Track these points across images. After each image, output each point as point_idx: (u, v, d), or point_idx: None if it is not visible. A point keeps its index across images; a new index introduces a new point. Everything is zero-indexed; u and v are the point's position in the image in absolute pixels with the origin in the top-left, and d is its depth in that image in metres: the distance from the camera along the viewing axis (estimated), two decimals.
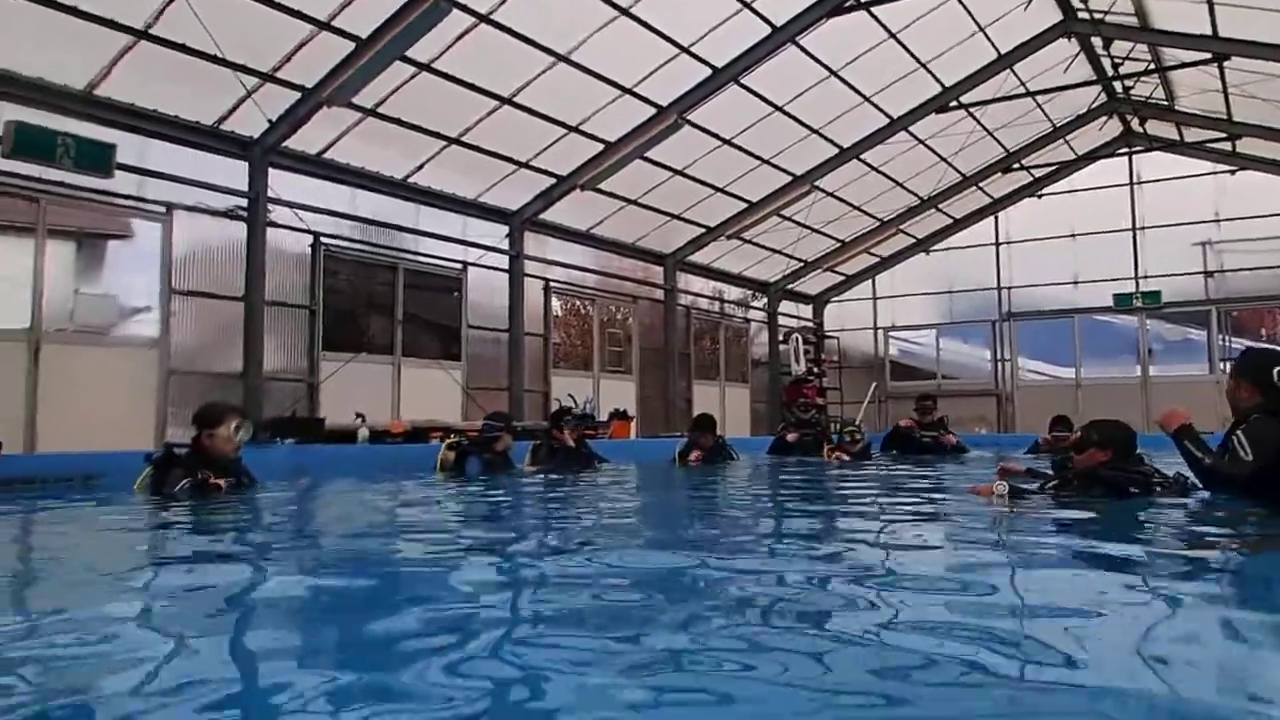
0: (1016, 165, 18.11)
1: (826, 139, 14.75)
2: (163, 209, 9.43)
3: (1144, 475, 4.74)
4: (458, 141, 11.56)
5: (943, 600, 2.16)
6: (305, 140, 10.47)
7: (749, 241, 17.31)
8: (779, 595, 2.34)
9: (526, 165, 12.62)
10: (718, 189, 15.07)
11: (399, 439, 9.83)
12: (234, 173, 10.08)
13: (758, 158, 14.59)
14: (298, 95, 9.74)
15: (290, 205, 10.45)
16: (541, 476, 7.16)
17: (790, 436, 10.91)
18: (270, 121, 9.89)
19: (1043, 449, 10.32)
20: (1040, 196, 19.32)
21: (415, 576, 2.88)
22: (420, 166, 11.77)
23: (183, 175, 9.53)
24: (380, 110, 10.51)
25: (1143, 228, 18.38)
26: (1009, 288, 19.70)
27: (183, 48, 8.61)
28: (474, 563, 3.15)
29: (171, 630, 2.02)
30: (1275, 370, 4.60)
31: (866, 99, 13.93)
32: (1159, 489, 4.62)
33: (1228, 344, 17.36)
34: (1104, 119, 17.51)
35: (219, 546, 3.71)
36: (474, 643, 1.83)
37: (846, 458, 8.77)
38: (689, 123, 12.57)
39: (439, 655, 1.71)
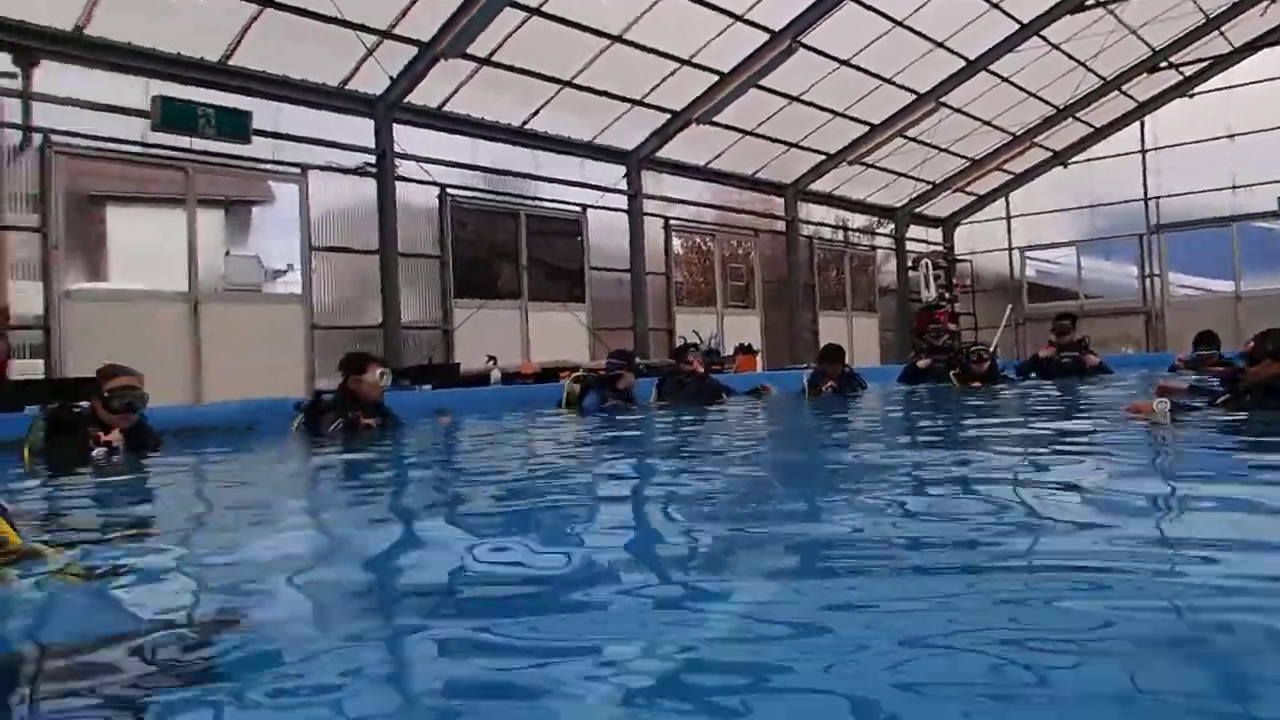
0: (1164, 64, 16.76)
1: (952, 51, 14.03)
2: (298, 170, 9.88)
3: None
4: (571, 84, 11.59)
5: (1087, 545, 1.99)
6: (425, 94, 10.73)
7: (872, 166, 16.75)
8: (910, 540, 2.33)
9: (640, 103, 12.55)
10: (837, 113, 14.61)
11: (529, 379, 10.14)
12: (361, 131, 10.46)
13: (878, 77, 14.04)
14: (415, 50, 9.97)
15: (416, 159, 10.77)
16: (669, 413, 7.26)
17: (922, 363, 10.62)
18: (391, 78, 10.16)
19: (1181, 368, 9.65)
20: (1192, 96, 17.83)
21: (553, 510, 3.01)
22: (536, 112, 11.88)
23: (314, 136, 9.95)
24: (494, 59, 10.63)
25: None
26: (1157, 198, 18.40)
27: (305, 12, 8.93)
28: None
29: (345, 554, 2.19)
30: None
31: (994, 5, 13.15)
32: None
33: None
34: (1265, 2, 15.93)
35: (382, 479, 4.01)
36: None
37: (977, 384, 8.49)
38: (804, 46, 12.20)
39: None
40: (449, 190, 11.30)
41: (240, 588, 1.87)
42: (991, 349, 15.15)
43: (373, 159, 10.39)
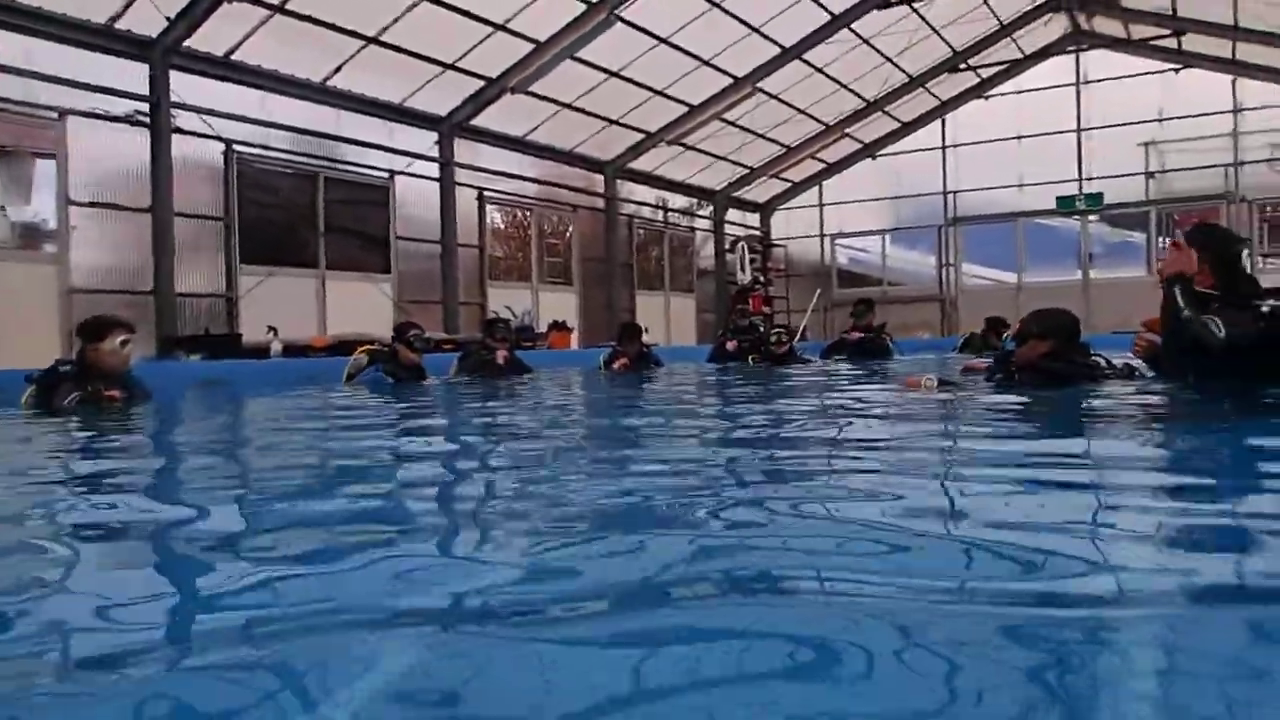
0: (963, 65, 17.77)
1: (767, 38, 14.28)
2: (54, 115, 8.85)
3: (1090, 365, 4.61)
4: (376, 41, 10.97)
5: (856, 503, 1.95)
6: (210, 41, 9.86)
7: (692, 148, 16.90)
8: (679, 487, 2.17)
9: (453, 67, 12.07)
10: (656, 92, 14.60)
11: (320, 353, 9.54)
12: (134, 76, 9.49)
13: (697, 58, 14.11)
14: None
15: (196, 110, 9.90)
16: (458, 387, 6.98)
17: (730, 345, 10.78)
18: (168, 19, 9.27)
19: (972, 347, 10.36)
20: (987, 98, 19.05)
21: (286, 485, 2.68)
22: (338, 69, 11.18)
23: (75, 79, 8.93)
24: (288, 7, 9.89)
25: (1088, 129, 18.25)
26: (954, 192, 19.56)
27: None
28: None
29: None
30: (1241, 251, 4.33)
31: None
32: (1107, 378, 4.49)
33: (1165, 246, 17.46)
34: (1050, 16, 17.16)
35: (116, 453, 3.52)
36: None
37: (769, 363, 8.70)
38: (622, 20, 12.05)
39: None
40: (235, 147, 10.45)
41: None
42: (800, 331, 15.69)
43: (145, 107, 9.45)
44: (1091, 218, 18.39)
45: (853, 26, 14.75)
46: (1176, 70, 17.23)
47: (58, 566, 1.58)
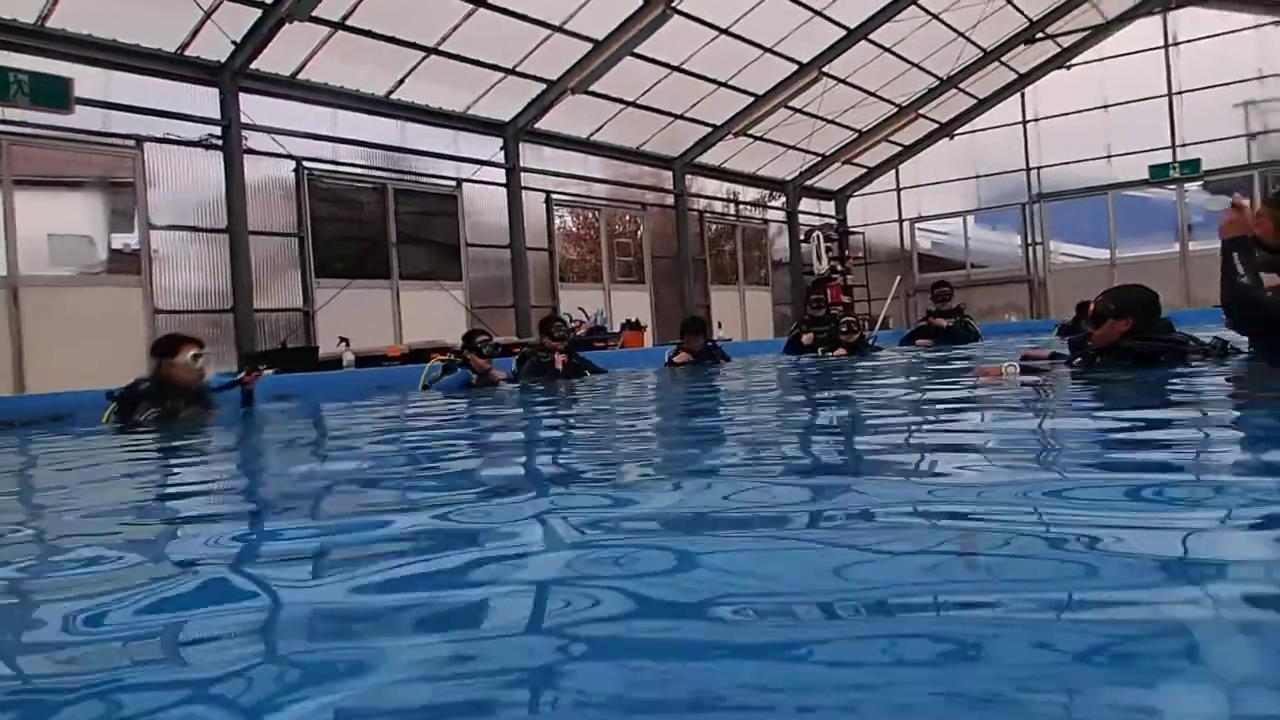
0: (1041, 35, 17.04)
1: (831, 20, 13.95)
2: (132, 143, 9.19)
3: (1175, 342, 4.30)
4: (436, 51, 11.09)
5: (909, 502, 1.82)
6: (276, 62, 10.10)
7: (760, 138, 16.64)
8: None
9: (513, 72, 12.11)
10: (720, 84, 14.41)
11: (395, 362, 9.68)
12: (206, 101, 9.79)
13: (759, 46, 13.87)
14: (259, 12, 9.34)
15: (266, 130, 10.16)
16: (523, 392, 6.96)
17: (806, 338, 10.56)
18: (234, 43, 9.52)
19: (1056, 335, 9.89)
20: (1069, 68, 18.23)
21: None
22: (401, 81, 11.34)
23: (150, 106, 9.25)
24: (348, 23, 10.06)
25: (1179, 92, 17.30)
26: (1039, 168, 18.80)
27: None
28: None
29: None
30: None
31: None
32: (1195, 357, 4.16)
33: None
34: None
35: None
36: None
37: (843, 352, 8.43)
38: (679, 12, 11.91)
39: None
40: (306, 164, 10.69)
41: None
42: (881, 320, 15.28)
43: (218, 131, 9.73)
44: (1189, 186, 17.43)
45: (920, 2, 14.31)
46: (1277, 23, 16.19)
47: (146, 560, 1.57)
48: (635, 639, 1.03)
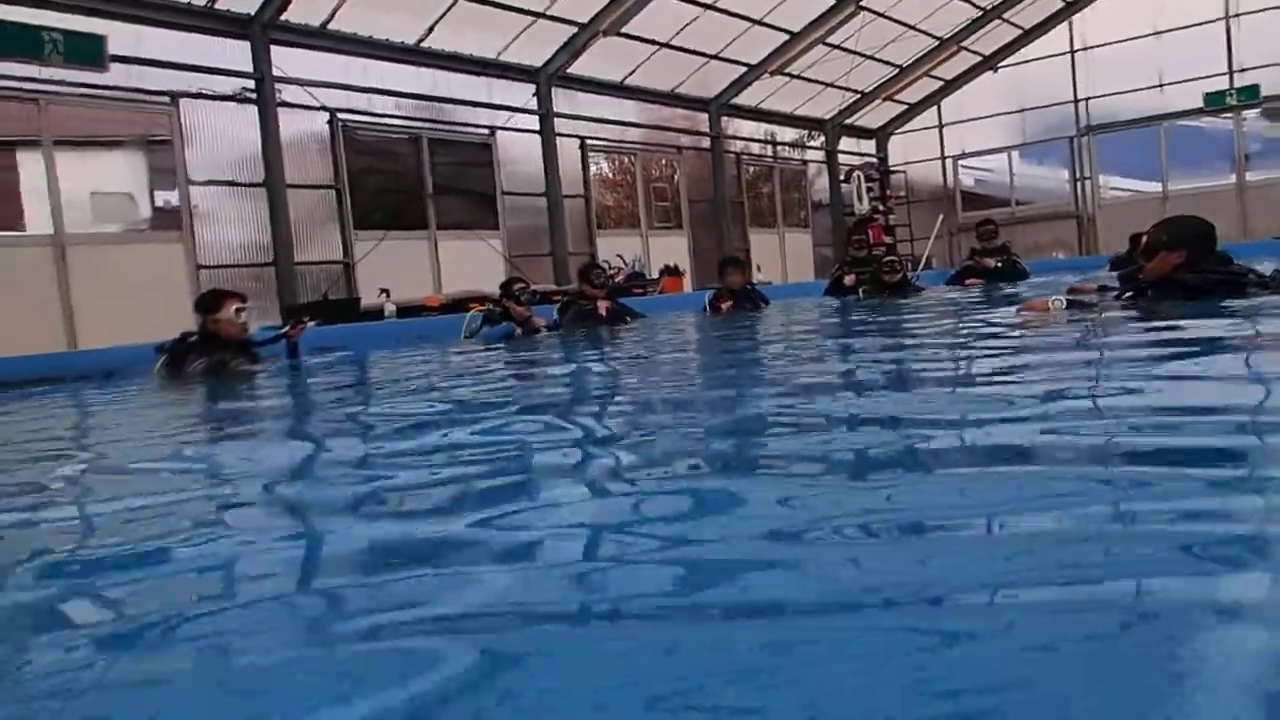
0: None
1: None
2: (167, 99, 9.20)
3: (1232, 274, 4.13)
4: None
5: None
6: (305, 12, 10.02)
7: (798, 77, 16.24)
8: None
9: (544, 15, 11.90)
10: (755, 21, 14.04)
11: (435, 312, 9.71)
12: (238, 55, 9.76)
13: None
14: None
15: (298, 82, 10.12)
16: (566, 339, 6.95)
17: (848, 279, 10.39)
18: None
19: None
20: None
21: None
22: (431, 28, 11.20)
23: (183, 61, 9.24)
24: None
25: (1237, 15, 16.52)
26: (1087, 99, 18.16)
27: None
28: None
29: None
30: None
31: None
32: (1255, 290, 3.98)
33: None
34: None
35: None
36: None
37: (884, 294, 8.30)
38: None
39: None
40: (340, 115, 10.65)
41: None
42: (924, 259, 14.98)
43: (251, 84, 9.71)
44: (1246, 114, 16.75)
45: None
46: None
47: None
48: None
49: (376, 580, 1.13)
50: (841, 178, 19.15)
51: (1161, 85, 17.28)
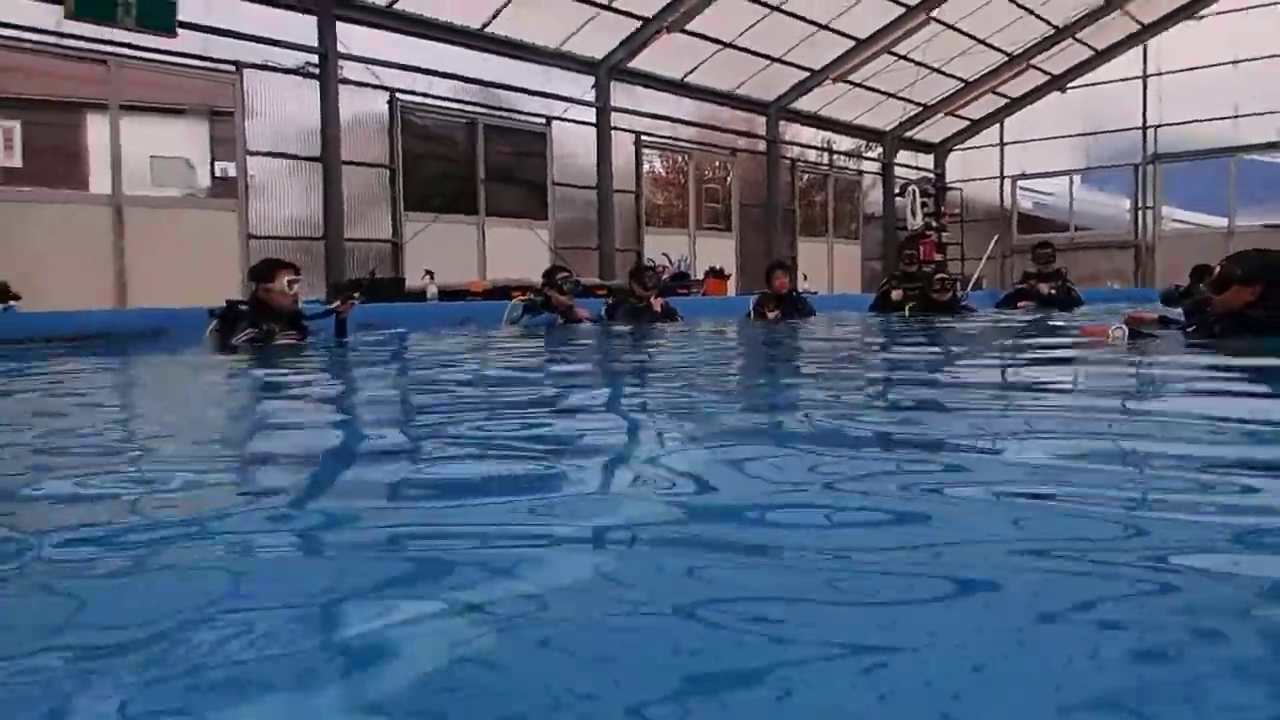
0: None
1: None
2: (231, 68, 9.30)
3: None
4: None
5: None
6: None
7: (860, 85, 16.04)
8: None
9: (609, 7, 11.86)
10: (822, 26, 13.88)
11: (478, 297, 9.72)
12: (303, 29, 9.83)
13: None
14: None
15: (361, 60, 10.18)
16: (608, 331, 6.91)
17: (895, 294, 10.22)
18: None
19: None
20: (1199, 19, 17.03)
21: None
22: (496, 14, 11.20)
23: (249, 32, 9.33)
24: None
25: None
26: (1156, 126, 17.72)
27: None
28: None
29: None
30: None
31: None
32: None
33: None
34: None
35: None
36: None
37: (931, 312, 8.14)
38: None
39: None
40: (399, 96, 10.70)
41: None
42: (974, 280, 14.71)
43: (315, 59, 9.78)
44: None
45: None
46: None
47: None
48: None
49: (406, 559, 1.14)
50: (897, 191, 18.89)
51: (1236, 117, 16.80)
